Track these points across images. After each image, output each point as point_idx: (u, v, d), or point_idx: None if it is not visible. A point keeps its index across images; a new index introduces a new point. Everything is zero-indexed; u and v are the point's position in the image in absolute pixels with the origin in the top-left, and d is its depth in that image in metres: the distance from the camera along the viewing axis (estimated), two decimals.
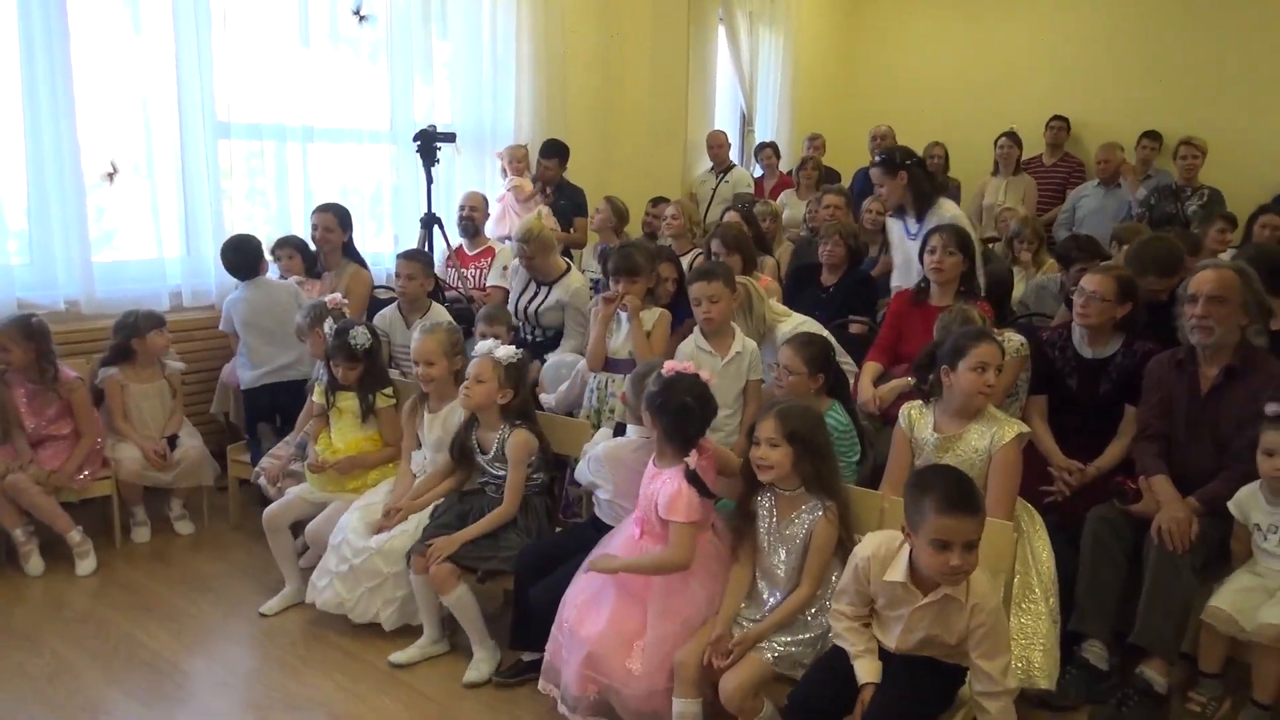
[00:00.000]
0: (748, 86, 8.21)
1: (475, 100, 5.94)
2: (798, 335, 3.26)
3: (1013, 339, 3.31)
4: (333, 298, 3.90)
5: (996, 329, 3.24)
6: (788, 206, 6.54)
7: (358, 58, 5.41)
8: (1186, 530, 2.76)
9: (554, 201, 5.84)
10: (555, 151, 5.94)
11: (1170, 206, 6.07)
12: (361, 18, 5.31)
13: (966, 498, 2.10)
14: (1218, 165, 6.29)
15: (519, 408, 3.16)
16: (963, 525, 2.07)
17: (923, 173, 4.10)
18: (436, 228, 5.15)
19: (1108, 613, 2.87)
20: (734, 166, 7.34)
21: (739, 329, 3.38)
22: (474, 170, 5.94)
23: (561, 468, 3.50)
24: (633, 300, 3.58)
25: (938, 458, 2.76)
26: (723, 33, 7.96)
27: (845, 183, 7.11)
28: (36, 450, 3.75)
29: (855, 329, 4.30)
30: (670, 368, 2.69)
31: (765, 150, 7.58)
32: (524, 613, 2.91)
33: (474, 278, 5.09)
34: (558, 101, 6.29)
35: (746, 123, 8.32)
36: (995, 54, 8.16)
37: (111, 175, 4.52)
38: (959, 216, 4.03)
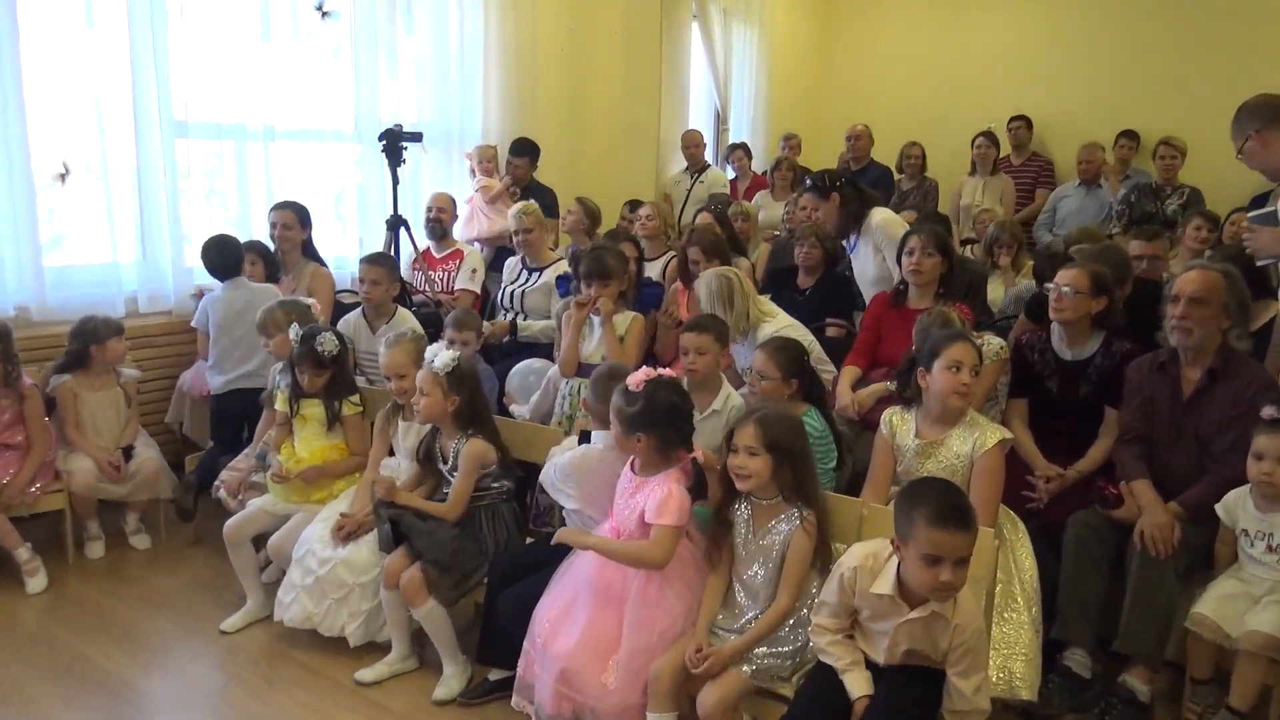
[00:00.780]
0: (722, 84, 8.13)
1: (442, 98, 5.82)
2: (771, 340, 3.21)
3: (992, 342, 3.31)
4: (313, 301, 3.82)
5: (975, 332, 3.21)
6: (763, 208, 6.49)
7: (321, 54, 5.28)
8: (1169, 536, 2.75)
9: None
10: (525, 150, 5.84)
11: (1150, 205, 6.10)
12: (324, 13, 5.19)
13: (959, 512, 2.06)
14: (1198, 166, 6.30)
15: (471, 414, 3.08)
16: (955, 540, 2.03)
17: (853, 191, 4.09)
18: (402, 230, 5.04)
19: (1090, 620, 2.84)
20: (709, 167, 7.27)
21: (726, 383, 3.19)
22: (441, 170, 5.83)
23: (533, 475, 3.41)
24: (605, 304, 3.53)
25: (919, 464, 2.75)
26: (697, 29, 7.87)
27: None
28: None
29: (832, 332, 4.26)
30: (638, 380, 2.60)
31: (736, 151, 7.51)
32: (492, 625, 2.85)
33: (441, 281, 4.99)
34: (528, 99, 6.19)
35: (721, 122, 8.25)
36: (973, 53, 8.14)
37: (63, 176, 4.39)
38: (888, 222, 4.03)
